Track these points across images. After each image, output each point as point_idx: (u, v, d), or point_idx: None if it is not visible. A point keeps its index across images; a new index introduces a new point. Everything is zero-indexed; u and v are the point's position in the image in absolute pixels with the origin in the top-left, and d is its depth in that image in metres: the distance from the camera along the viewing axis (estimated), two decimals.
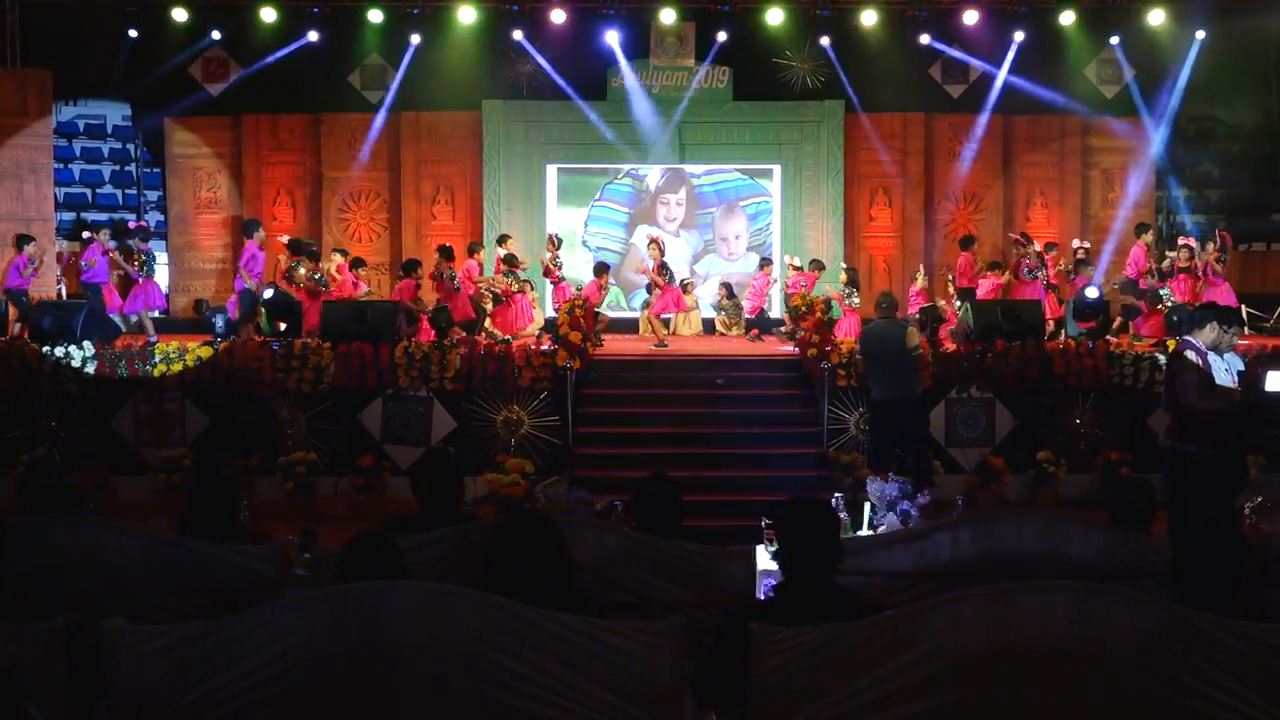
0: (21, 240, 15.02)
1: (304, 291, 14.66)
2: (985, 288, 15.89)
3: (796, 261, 16.87)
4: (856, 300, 15.80)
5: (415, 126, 18.11)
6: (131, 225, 16.65)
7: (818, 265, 16.55)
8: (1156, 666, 3.33)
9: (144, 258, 15.60)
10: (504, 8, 17.11)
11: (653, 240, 16.52)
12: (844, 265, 16.79)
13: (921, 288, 16.44)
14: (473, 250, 16.24)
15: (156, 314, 15.98)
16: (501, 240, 16.35)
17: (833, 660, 3.36)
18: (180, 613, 4.30)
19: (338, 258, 15.87)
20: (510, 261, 15.66)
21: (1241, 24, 16.76)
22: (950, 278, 16.72)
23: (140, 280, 15.58)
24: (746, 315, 17.06)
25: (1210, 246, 15.47)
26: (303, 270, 14.75)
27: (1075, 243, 16.77)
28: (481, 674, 3.32)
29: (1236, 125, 17.80)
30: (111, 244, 15.55)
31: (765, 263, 17.24)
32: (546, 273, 16.17)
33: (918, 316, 14.52)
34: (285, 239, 15.69)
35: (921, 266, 17.11)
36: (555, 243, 16.24)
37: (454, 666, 3.33)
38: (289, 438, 12.87)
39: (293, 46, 17.22)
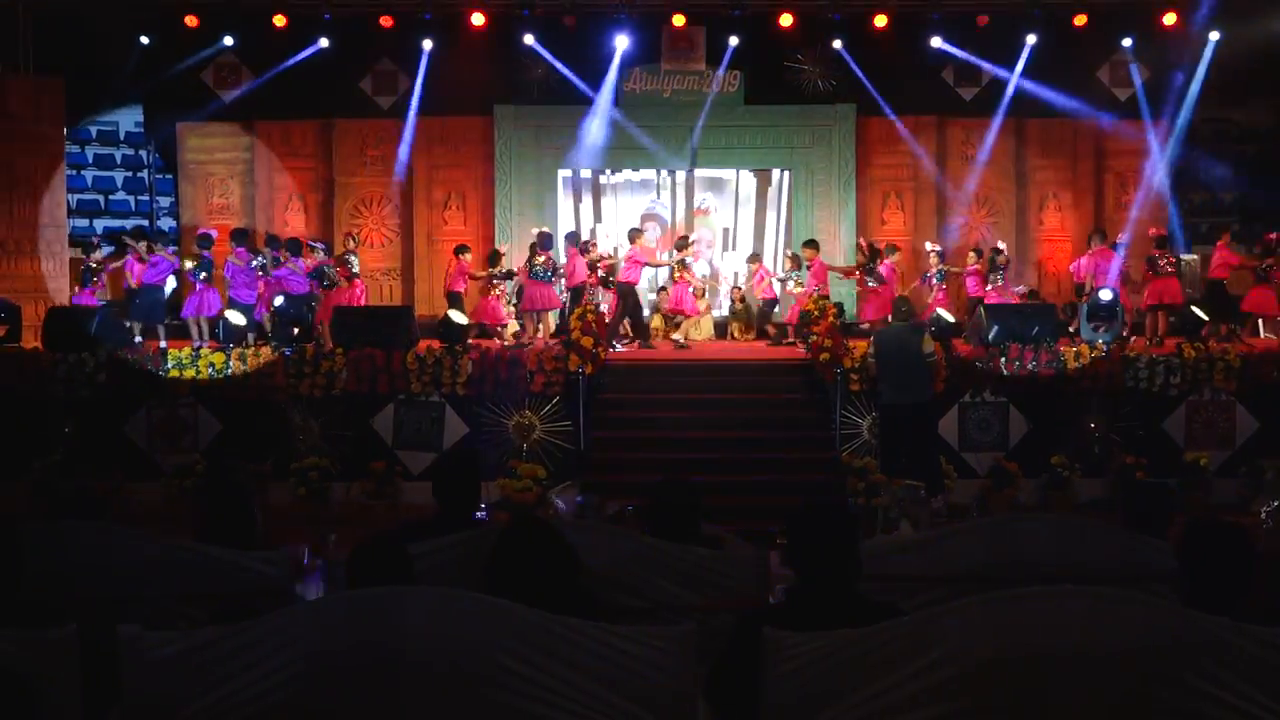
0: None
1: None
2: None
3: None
4: (797, 287, 15.89)
5: (426, 131, 18.12)
6: (200, 232, 16.61)
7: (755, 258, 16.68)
8: (1170, 671, 3.29)
9: (199, 263, 15.61)
10: (515, 12, 17.12)
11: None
12: (788, 251, 16.79)
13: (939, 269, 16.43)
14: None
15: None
16: (461, 250, 16.34)
17: (846, 665, 3.34)
18: (193, 618, 4.31)
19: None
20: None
21: (1255, 25, 16.70)
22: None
23: (199, 286, 15.56)
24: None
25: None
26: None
27: (1000, 245, 16.90)
28: (493, 679, 3.30)
29: (1251, 127, 17.72)
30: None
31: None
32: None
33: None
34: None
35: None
36: (685, 243, 16.28)
37: (465, 671, 3.32)
38: (301, 443, 12.90)
39: (305, 53, 17.29)
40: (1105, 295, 14.94)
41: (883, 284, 15.69)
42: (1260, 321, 15.70)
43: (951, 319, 15.39)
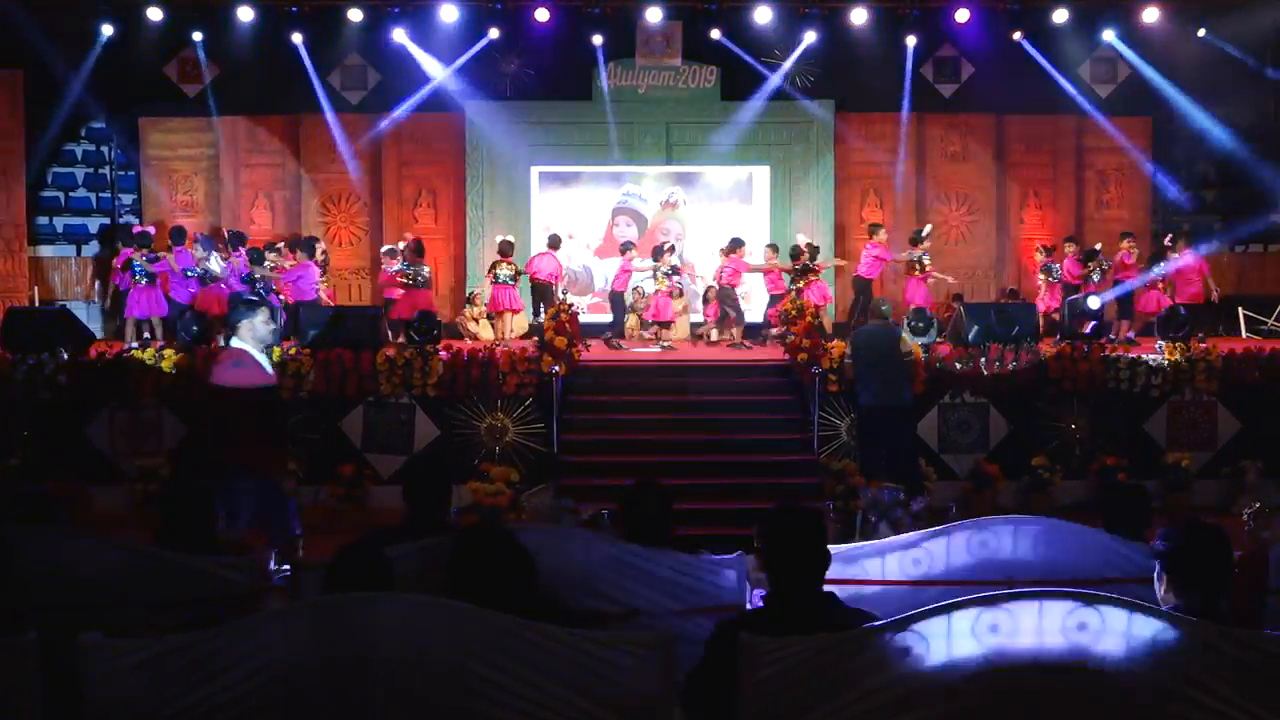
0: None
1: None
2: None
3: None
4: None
5: (397, 127, 17.94)
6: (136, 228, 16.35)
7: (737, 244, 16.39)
8: (1152, 674, 3.30)
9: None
10: (487, 6, 16.97)
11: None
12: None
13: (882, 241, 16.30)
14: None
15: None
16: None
17: (824, 671, 3.33)
18: (158, 626, 4.28)
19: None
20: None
21: (1237, 22, 16.74)
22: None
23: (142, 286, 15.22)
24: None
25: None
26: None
27: (800, 239, 16.62)
28: (465, 686, 3.30)
29: (1233, 125, 17.73)
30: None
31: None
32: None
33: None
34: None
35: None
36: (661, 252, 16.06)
37: (437, 679, 3.32)
38: None
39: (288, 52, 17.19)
40: (1093, 303, 14.88)
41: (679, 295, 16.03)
42: None
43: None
